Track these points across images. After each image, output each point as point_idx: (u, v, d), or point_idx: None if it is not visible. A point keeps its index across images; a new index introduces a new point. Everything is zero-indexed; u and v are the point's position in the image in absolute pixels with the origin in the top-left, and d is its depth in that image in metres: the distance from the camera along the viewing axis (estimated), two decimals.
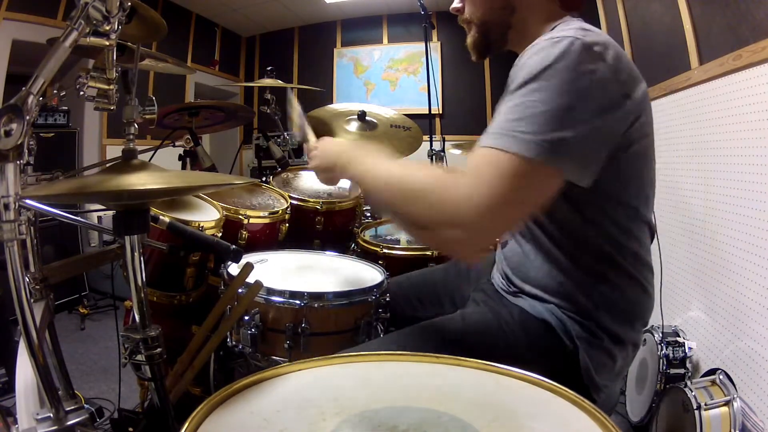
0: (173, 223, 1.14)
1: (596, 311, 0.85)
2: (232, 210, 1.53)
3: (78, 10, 0.62)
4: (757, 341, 1.53)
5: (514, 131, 0.69)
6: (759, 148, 1.57)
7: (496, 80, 4.89)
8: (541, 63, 0.71)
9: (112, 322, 2.42)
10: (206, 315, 1.01)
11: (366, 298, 1.06)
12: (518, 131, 0.68)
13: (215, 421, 0.52)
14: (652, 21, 2.37)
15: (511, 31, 0.94)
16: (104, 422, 1.74)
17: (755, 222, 1.57)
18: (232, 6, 4.86)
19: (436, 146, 2.66)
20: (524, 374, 0.63)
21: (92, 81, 0.72)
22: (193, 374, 0.94)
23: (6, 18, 3.16)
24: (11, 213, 0.58)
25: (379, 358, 0.69)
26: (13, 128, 0.56)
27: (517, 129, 0.68)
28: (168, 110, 1.85)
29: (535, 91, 0.70)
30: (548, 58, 0.71)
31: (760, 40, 1.54)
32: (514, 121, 0.69)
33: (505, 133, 0.69)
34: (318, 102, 3.21)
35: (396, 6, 4.99)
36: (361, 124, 2.17)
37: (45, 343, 0.87)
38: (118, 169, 0.70)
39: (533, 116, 0.68)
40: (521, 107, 0.70)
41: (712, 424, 1.41)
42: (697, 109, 1.99)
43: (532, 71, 0.71)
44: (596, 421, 0.52)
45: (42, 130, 3.10)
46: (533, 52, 0.74)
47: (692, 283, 2.02)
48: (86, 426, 0.69)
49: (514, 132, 0.69)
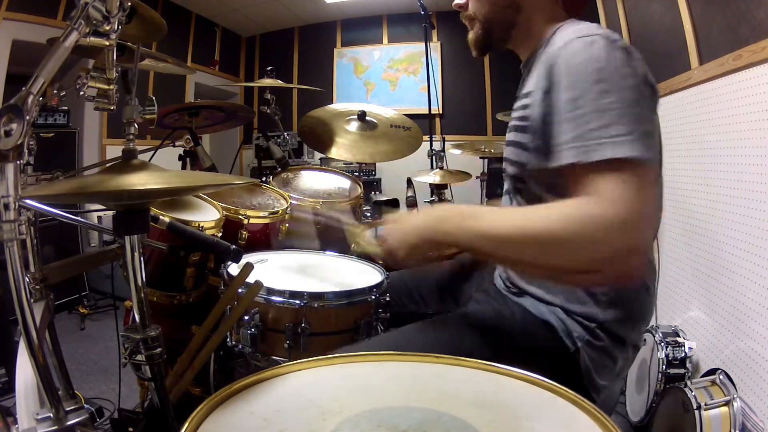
0: (173, 223, 1.14)
1: (600, 312, 0.85)
2: (232, 210, 1.53)
3: (78, 10, 0.62)
4: (757, 341, 1.53)
5: (612, 138, 0.67)
6: (759, 148, 1.57)
7: (495, 80, 4.89)
8: (593, 64, 0.71)
9: (112, 322, 2.42)
10: (206, 315, 1.01)
11: (366, 298, 1.06)
12: (614, 136, 0.67)
13: (215, 421, 0.52)
14: (652, 21, 2.37)
15: (515, 29, 0.94)
16: (104, 422, 1.74)
17: (755, 222, 1.57)
18: (232, 6, 4.86)
19: (436, 146, 2.67)
20: (524, 374, 0.63)
21: (92, 81, 0.72)
22: (193, 374, 0.94)
23: (6, 18, 3.16)
24: (11, 213, 0.58)
25: (379, 358, 0.69)
26: (13, 128, 0.56)
27: (612, 134, 0.67)
28: (168, 110, 1.85)
29: (604, 93, 0.69)
30: (598, 59, 0.71)
31: (760, 40, 1.54)
32: (604, 128, 0.68)
33: (604, 141, 0.67)
34: (318, 102, 3.21)
35: (396, 6, 4.99)
36: (361, 124, 2.17)
37: (45, 343, 0.87)
38: (118, 169, 0.70)
39: (620, 118, 0.68)
40: (601, 113, 0.68)
41: (712, 424, 1.41)
42: (697, 109, 1.99)
43: (587, 74, 0.71)
44: (596, 421, 0.52)
45: (42, 130, 3.10)
46: (573, 53, 0.73)
47: (692, 283, 2.02)
48: (86, 426, 0.69)
49: (612, 139, 0.67)
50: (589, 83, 0.71)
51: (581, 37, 0.75)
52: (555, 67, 0.76)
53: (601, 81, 0.70)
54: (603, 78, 0.70)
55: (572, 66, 0.73)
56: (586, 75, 0.71)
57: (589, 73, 0.71)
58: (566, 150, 0.71)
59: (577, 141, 0.70)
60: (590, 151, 0.68)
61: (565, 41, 0.77)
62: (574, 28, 0.81)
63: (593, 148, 0.68)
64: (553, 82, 0.76)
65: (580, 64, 0.72)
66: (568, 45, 0.76)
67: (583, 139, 0.69)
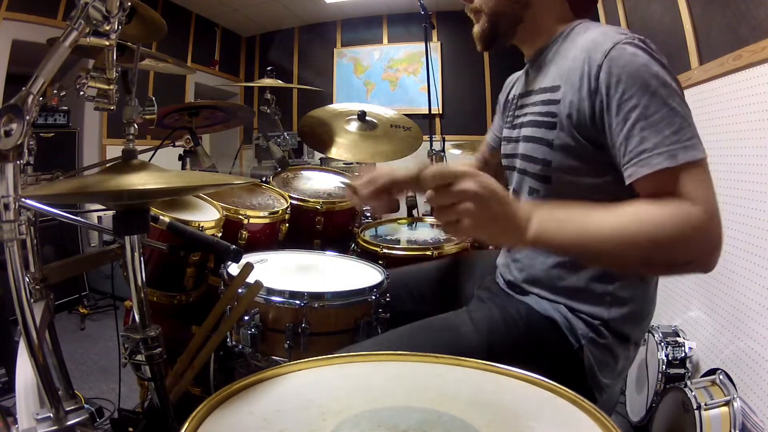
0: (173, 223, 1.14)
1: (606, 310, 0.85)
2: (232, 210, 1.53)
3: (78, 10, 0.62)
4: (757, 341, 1.53)
5: (685, 142, 0.72)
6: (759, 148, 1.57)
7: (496, 80, 4.89)
8: (648, 69, 0.74)
9: (112, 322, 2.42)
10: (206, 315, 1.01)
11: (366, 298, 1.06)
12: (686, 140, 0.72)
13: (215, 421, 0.52)
14: (652, 21, 2.37)
15: (521, 25, 0.94)
16: (104, 422, 1.74)
17: (755, 222, 1.57)
18: (232, 6, 4.86)
19: (436, 146, 2.66)
20: (524, 374, 0.63)
21: (92, 81, 0.72)
22: (193, 374, 0.94)
23: (6, 18, 3.16)
24: (11, 213, 0.58)
25: (379, 358, 0.69)
26: (13, 128, 0.56)
27: (684, 139, 0.72)
28: (168, 110, 1.85)
29: (668, 98, 0.73)
30: (650, 63, 0.74)
31: (760, 40, 1.54)
32: (677, 134, 0.72)
33: (681, 146, 0.72)
34: (318, 102, 3.21)
35: (396, 6, 4.99)
36: (361, 124, 2.17)
37: (45, 343, 0.87)
38: (118, 169, 0.70)
39: (682, 122, 0.73)
40: (671, 118, 0.73)
41: (712, 424, 1.41)
42: (697, 109, 1.96)
43: (647, 78, 0.74)
44: (596, 421, 0.52)
45: (42, 130, 3.10)
46: (626, 57, 0.75)
47: (692, 283, 2.02)
48: (86, 426, 0.69)
49: (686, 143, 0.72)
50: (653, 88, 0.73)
51: (626, 41, 0.76)
52: (609, 69, 0.76)
53: (662, 86, 0.73)
54: (662, 82, 0.74)
55: (632, 70, 0.74)
56: (647, 80, 0.74)
57: (649, 78, 0.74)
58: (652, 157, 0.73)
59: (660, 147, 0.73)
60: (675, 155, 0.72)
61: (612, 42, 0.77)
62: (604, 29, 0.82)
63: (675, 152, 0.72)
64: (611, 84, 0.76)
65: (638, 69, 0.74)
66: (617, 47, 0.76)
67: (664, 145, 0.72)
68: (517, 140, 0.95)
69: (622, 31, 0.79)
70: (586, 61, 0.79)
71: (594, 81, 0.77)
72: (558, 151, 0.84)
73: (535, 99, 0.91)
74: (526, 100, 0.95)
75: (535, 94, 0.91)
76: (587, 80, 0.78)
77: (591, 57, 0.78)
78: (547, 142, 0.86)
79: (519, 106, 0.99)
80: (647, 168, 0.73)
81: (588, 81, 0.78)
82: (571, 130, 0.82)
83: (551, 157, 0.86)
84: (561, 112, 0.83)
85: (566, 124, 0.82)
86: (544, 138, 0.86)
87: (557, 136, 0.84)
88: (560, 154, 0.84)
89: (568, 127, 0.82)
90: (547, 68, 0.90)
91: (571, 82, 0.81)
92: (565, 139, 0.83)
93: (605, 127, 0.77)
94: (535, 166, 0.89)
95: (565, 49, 0.87)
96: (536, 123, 0.89)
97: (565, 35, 0.90)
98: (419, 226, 1.91)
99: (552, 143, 0.85)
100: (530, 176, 0.92)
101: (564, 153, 0.84)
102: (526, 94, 0.97)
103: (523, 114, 0.94)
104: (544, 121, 0.87)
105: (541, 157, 0.87)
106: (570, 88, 0.82)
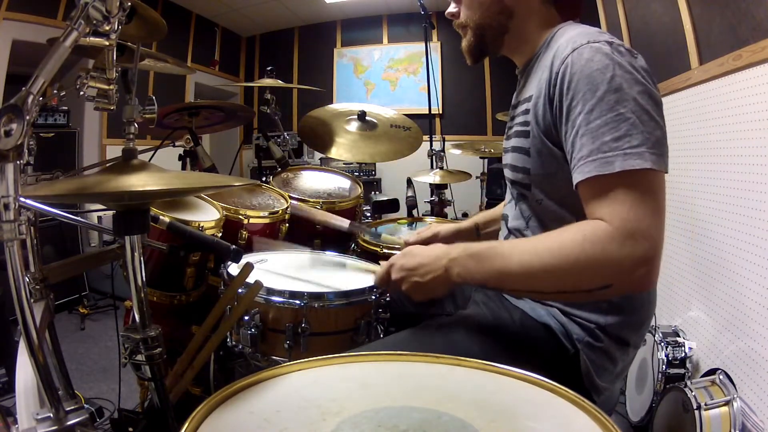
0: (173, 223, 1.14)
1: (602, 317, 0.85)
2: (232, 210, 1.53)
3: (78, 10, 0.62)
4: (757, 341, 1.53)
5: (626, 150, 0.68)
6: (759, 148, 1.57)
7: (495, 80, 4.90)
8: (602, 73, 0.71)
9: (112, 322, 2.42)
10: (206, 315, 1.01)
11: (366, 298, 1.06)
12: (628, 148, 0.68)
13: (215, 421, 0.52)
14: (652, 21, 2.37)
15: (508, 35, 0.94)
16: (104, 422, 1.75)
17: (755, 222, 1.57)
18: (232, 6, 4.86)
19: (436, 146, 2.67)
20: (524, 374, 0.62)
21: (92, 81, 0.72)
22: (193, 374, 0.94)
23: (6, 18, 3.16)
24: (11, 213, 0.58)
25: (379, 358, 0.69)
26: (13, 128, 0.56)
27: (626, 146, 0.68)
28: (168, 110, 1.85)
29: (617, 104, 0.70)
30: (606, 67, 0.71)
31: (760, 40, 1.54)
32: (618, 140, 0.69)
33: (620, 153, 0.68)
34: (318, 102, 3.21)
35: (396, 6, 4.99)
36: (361, 124, 2.17)
37: (45, 343, 0.87)
38: (118, 169, 0.70)
39: (630, 129, 0.69)
40: (616, 124, 0.69)
41: (712, 424, 1.41)
42: (697, 109, 1.98)
43: (597, 84, 0.71)
44: (596, 421, 0.52)
45: (42, 130, 3.10)
46: (581, 62, 0.73)
47: (692, 283, 2.02)
48: (86, 426, 0.69)
49: (627, 150, 0.68)
50: (600, 93, 0.71)
51: (587, 44, 0.75)
52: (563, 75, 0.76)
53: (613, 91, 0.71)
54: (613, 87, 0.71)
55: (582, 76, 0.73)
56: (596, 85, 0.72)
57: (599, 83, 0.71)
58: (585, 164, 0.71)
59: (594, 154, 0.70)
60: (610, 162, 0.69)
61: (572, 47, 0.76)
62: (577, 32, 0.81)
63: (609, 160, 0.69)
64: (563, 91, 0.75)
65: (590, 75, 0.73)
66: (575, 53, 0.75)
67: (599, 152, 0.70)
68: (507, 151, 0.97)
69: (591, 34, 0.78)
70: (550, 68, 0.80)
71: (552, 88, 0.78)
72: (534, 159, 0.86)
73: (520, 110, 0.93)
74: (515, 112, 0.97)
75: (520, 105, 0.93)
76: (547, 87, 0.79)
77: (553, 63, 0.79)
78: (525, 150, 0.88)
79: (510, 117, 1.00)
80: (580, 175, 0.72)
81: (548, 88, 0.79)
82: (541, 137, 0.83)
83: (529, 165, 0.87)
84: (531, 121, 0.84)
85: (536, 132, 0.84)
86: (522, 147, 0.88)
87: (532, 144, 0.85)
88: (536, 161, 0.86)
89: (538, 134, 0.83)
90: (531, 78, 0.91)
91: (539, 89, 0.82)
92: (538, 146, 0.84)
93: (561, 133, 0.78)
94: (518, 175, 0.91)
95: (545, 57, 0.87)
96: (518, 133, 0.90)
97: (547, 43, 0.89)
98: (419, 226, 1.91)
99: (528, 151, 0.87)
100: (517, 185, 0.94)
101: (539, 160, 0.85)
102: (515, 105, 0.98)
103: (512, 125, 0.96)
104: (522, 131, 0.88)
105: (521, 165, 0.89)
106: (537, 96, 0.83)
